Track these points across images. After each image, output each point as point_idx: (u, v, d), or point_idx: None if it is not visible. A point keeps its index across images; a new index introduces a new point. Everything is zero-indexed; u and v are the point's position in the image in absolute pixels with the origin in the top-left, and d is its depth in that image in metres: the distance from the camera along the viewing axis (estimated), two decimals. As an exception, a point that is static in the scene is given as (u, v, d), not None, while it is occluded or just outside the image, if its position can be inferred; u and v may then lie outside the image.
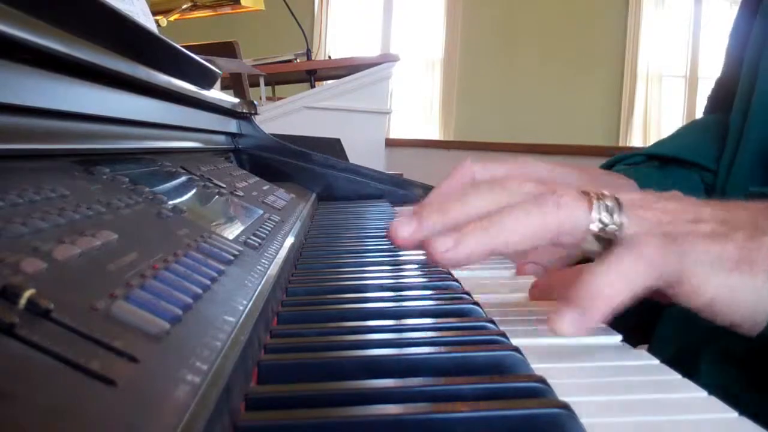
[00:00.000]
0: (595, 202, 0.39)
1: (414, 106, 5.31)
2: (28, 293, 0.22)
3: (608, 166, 0.73)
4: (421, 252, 0.61)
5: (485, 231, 0.38)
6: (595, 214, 0.38)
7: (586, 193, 0.39)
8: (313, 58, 2.63)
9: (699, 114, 0.84)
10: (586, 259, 0.45)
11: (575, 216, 0.38)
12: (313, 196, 1.07)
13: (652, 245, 0.36)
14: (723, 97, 0.74)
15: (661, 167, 0.71)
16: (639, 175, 0.68)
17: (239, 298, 0.35)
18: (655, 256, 0.36)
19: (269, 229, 0.58)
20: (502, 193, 0.40)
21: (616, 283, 0.36)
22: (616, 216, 0.38)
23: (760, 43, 0.65)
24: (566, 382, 0.31)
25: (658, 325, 0.59)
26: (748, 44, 0.67)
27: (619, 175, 0.67)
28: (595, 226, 0.38)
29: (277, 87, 2.78)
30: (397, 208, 1.01)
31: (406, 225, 0.40)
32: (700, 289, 0.37)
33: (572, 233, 0.39)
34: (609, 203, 0.39)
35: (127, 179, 0.47)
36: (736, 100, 0.67)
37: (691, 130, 0.79)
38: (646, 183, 0.66)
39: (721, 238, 0.38)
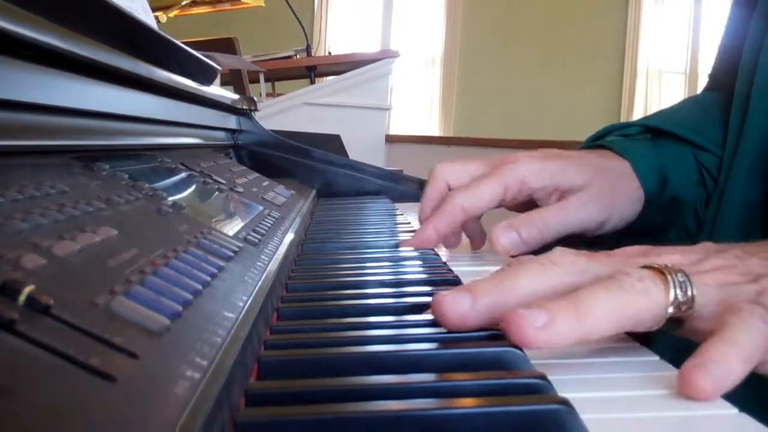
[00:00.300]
0: (669, 278, 0.35)
1: (414, 102, 5.31)
2: (27, 289, 0.22)
3: (600, 136, 0.72)
4: (420, 249, 0.61)
5: (576, 316, 0.33)
6: (672, 295, 0.35)
7: (660, 272, 0.36)
8: (313, 54, 2.63)
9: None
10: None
11: (655, 300, 0.35)
12: (313, 192, 1.07)
13: (756, 314, 0.33)
14: (720, 82, 0.74)
15: (654, 140, 0.70)
16: (630, 148, 0.67)
17: (239, 295, 0.35)
18: (762, 342, 0.33)
19: (269, 225, 0.58)
20: (557, 272, 0.37)
21: (742, 361, 0.32)
22: (689, 289, 0.36)
23: (759, 40, 0.65)
24: (566, 379, 0.31)
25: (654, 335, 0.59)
26: (745, 40, 0.67)
27: (609, 155, 0.66)
28: (672, 307, 0.35)
29: (276, 83, 2.78)
30: (397, 204, 1.01)
31: (459, 303, 0.36)
32: None
33: (652, 319, 0.35)
34: (681, 279, 0.36)
35: (126, 175, 0.47)
36: (735, 95, 0.67)
37: (690, 106, 0.78)
38: (639, 157, 0.65)
39: None
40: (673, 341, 0.47)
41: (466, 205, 0.60)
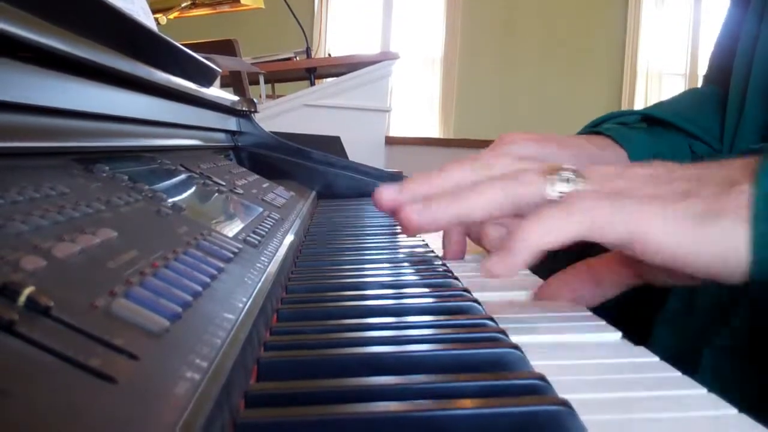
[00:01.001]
0: (555, 174, 0.42)
1: (414, 103, 5.31)
2: (27, 291, 0.22)
3: (601, 121, 0.72)
4: (420, 249, 0.62)
5: (452, 200, 0.42)
6: (552, 186, 0.41)
7: (546, 170, 0.42)
8: (312, 56, 2.63)
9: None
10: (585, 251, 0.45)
11: (533, 188, 0.41)
12: (313, 193, 1.07)
13: (582, 197, 0.38)
14: (714, 80, 0.74)
15: (650, 129, 0.71)
16: (627, 136, 0.67)
17: (239, 296, 0.35)
18: (584, 207, 0.38)
19: (269, 226, 0.58)
20: (479, 168, 0.45)
21: (540, 229, 0.38)
22: (574, 185, 0.41)
23: (753, 37, 0.65)
24: (566, 379, 0.31)
25: (655, 325, 0.59)
26: (740, 37, 0.67)
27: (607, 144, 0.67)
28: (554, 195, 0.41)
29: (276, 85, 2.78)
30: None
31: (389, 190, 0.45)
32: (651, 245, 0.38)
33: (530, 203, 0.41)
34: (567, 175, 0.41)
35: (126, 177, 0.47)
36: (731, 92, 0.67)
37: (688, 97, 0.79)
38: (635, 146, 0.66)
39: (683, 196, 0.39)
40: (671, 342, 0.48)
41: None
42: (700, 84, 0.83)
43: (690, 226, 0.38)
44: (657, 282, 0.45)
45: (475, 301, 0.43)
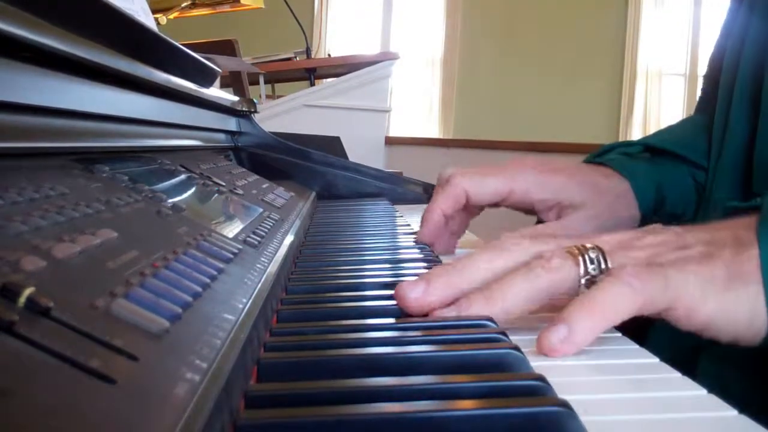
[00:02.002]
0: (580, 258, 0.41)
1: (414, 104, 5.31)
2: (27, 291, 0.22)
3: (605, 152, 0.74)
4: (419, 250, 0.62)
5: (486, 301, 0.41)
6: (582, 269, 0.41)
7: (571, 252, 0.41)
8: (312, 57, 2.63)
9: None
10: None
11: (565, 277, 0.41)
12: (313, 194, 1.07)
13: (634, 273, 0.38)
14: (710, 94, 0.74)
15: (652, 159, 0.72)
16: (631, 168, 0.69)
17: (239, 297, 0.35)
18: (638, 282, 0.37)
19: (269, 227, 0.58)
20: (501, 256, 0.44)
21: (603, 310, 0.37)
22: (603, 265, 0.41)
23: (741, 38, 0.65)
24: (566, 381, 0.31)
25: (650, 330, 0.60)
26: (729, 39, 0.68)
27: (611, 173, 0.68)
28: (585, 281, 0.41)
29: (276, 85, 2.78)
30: (397, 206, 1.01)
31: (415, 290, 0.42)
32: (694, 312, 0.38)
33: (567, 292, 0.41)
34: (593, 255, 0.41)
35: (126, 177, 0.47)
36: (719, 97, 0.68)
37: (686, 125, 0.80)
38: (638, 177, 0.68)
39: (708, 258, 0.40)
40: (669, 343, 0.48)
41: (470, 190, 0.63)
42: (700, 84, 0.83)
43: (722, 291, 0.39)
44: None
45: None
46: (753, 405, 0.29)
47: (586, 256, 0.41)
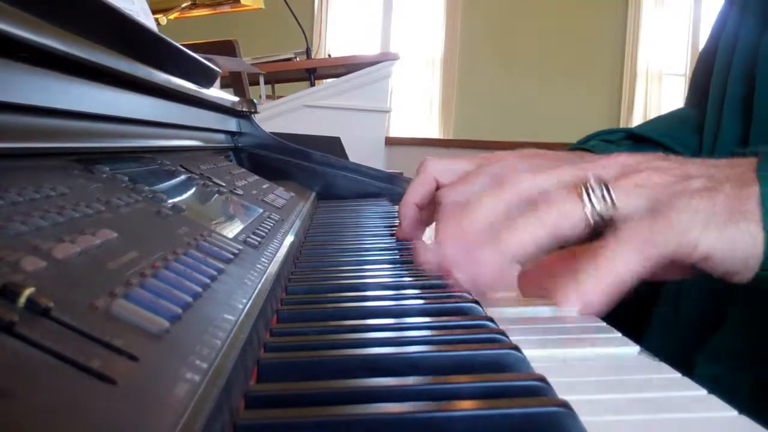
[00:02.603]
0: (584, 194, 0.41)
1: (413, 104, 5.31)
2: (27, 292, 0.22)
3: (587, 139, 0.75)
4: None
5: (494, 244, 0.41)
6: (588, 206, 0.41)
7: (575, 187, 0.41)
8: (312, 57, 2.63)
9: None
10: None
11: (571, 213, 0.41)
12: (313, 194, 1.07)
13: (641, 236, 0.39)
14: (700, 88, 0.75)
15: (634, 145, 0.73)
16: (611, 151, 0.68)
17: (239, 297, 0.35)
18: (646, 246, 0.38)
19: (269, 227, 0.58)
20: (503, 196, 0.44)
21: (611, 279, 0.39)
22: (608, 199, 0.41)
23: (734, 37, 0.65)
24: (566, 381, 0.31)
25: (647, 330, 0.60)
26: (721, 38, 0.68)
27: (593, 157, 0.68)
28: (591, 217, 0.41)
29: (276, 85, 2.78)
30: (397, 207, 1.01)
31: (430, 254, 0.45)
32: (696, 247, 0.39)
33: (573, 230, 0.41)
34: (597, 188, 0.41)
35: (126, 178, 0.47)
36: (711, 96, 0.68)
37: (672, 117, 0.80)
38: None
39: (711, 191, 0.40)
40: (663, 345, 0.48)
41: (439, 175, 0.62)
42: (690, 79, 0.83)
43: (724, 224, 0.39)
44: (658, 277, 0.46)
45: (475, 302, 0.43)
46: (750, 404, 0.30)
47: (590, 190, 0.41)
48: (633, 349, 0.38)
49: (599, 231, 0.42)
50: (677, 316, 0.58)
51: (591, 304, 0.39)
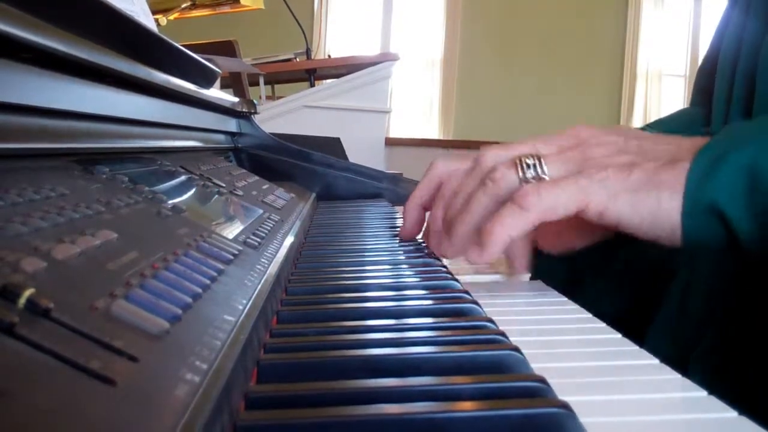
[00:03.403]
0: (519, 165, 0.48)
1: (413, 105, 5.31)
2: (27, 292, 0.22)
3: None
4: (420, 252, 0.62)
5: (459, 221, 0.50)
6: (521, 175, 0.48)
7: (513, 161, 0.49)
8: (312, 57, 2.63)
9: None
10: None
11: (509, 184, 0.48)
12: (313, 195, 1.07)
13: (527, 192, 0.46)
14: (705, 88, 0.75)
15: None
16: None
17: (239, 298, 0.35)
18: (531, 200, 0.45)
19: (269, 228, 0.58)
20: (470, 179, 0.52)
21: (503, 227, 0.46)
22: (539, 168, 0.48)
23: (738, 39, 0.65)
24: (566, 382, 0.31)
25: (648, 332, 0.60)
26: (724, 40, 0.68)
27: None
28: (525, 184, 0.47)
29: (276, 86, 2.78)
30: (397, 207, 1.01)
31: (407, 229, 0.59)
32: (605, 210, 0.45)
33: (511, 194, 0.48)
34: (530, 162, 0.48)
35: (126, 178, 0.47)
36: (716, 98, 0.68)
37: (680, 116, 0.81)
38: None
39: (629, 167, 0.45)
40: (667, 340, 0.49)
41: (445, 174, 0.63)
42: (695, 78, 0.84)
43: (629, 196, 0.45)
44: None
45: (475, 302, 0.43)
46: (746, 403, 0.30)
47: (524, 163, 0.48)
48: (614, 336, 0.40)
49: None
50: (681, 317, 0.58)
51: (488, 254, 0.47)
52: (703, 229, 0.44)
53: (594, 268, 0.67)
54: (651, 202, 0.45)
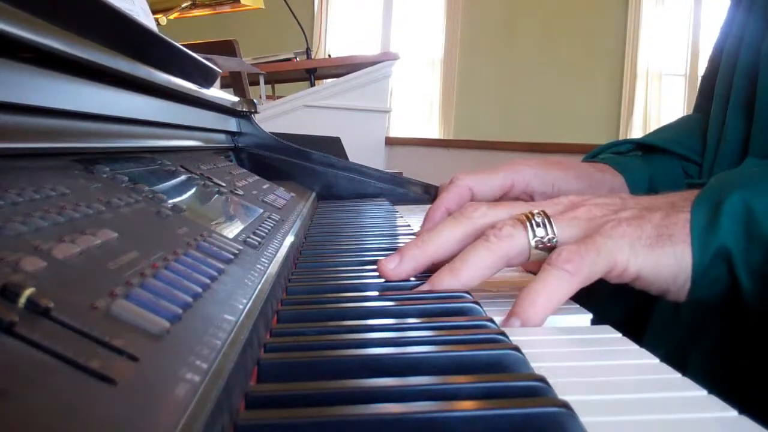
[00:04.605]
0: (528, 224, 0.47)
1: (414, 104, 5.31)
2: (28, 292, 0.22)
3: (597, 153, 0.78)
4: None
5: (452, 276, 0.47)
6: (531, 234, 0.46)
7: (520, 219, 0.47)
8: (312, 57, 2.63)
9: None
10: None
11: (515, 243, 0.46)
12: (313, 194, 1.07)
13: (568, 258, 0.43)
14: (708, 94, 0.75)
15: (644, 156, 0.76)
16: (623, 163, 0.73)
17: (239, 297, 0.35)
18: (572, 266, 0.43)
19: (269, 227, 0.58)
20: (461, 224, 0.50)
21: (548, 294, 0.43)
22: (549, 228, 0.47)
23: (739, 39, 0.65)
24: (566, 381, 0.31)
25: (647, 330, 0.60)
26: (727, 40, 0.68)
27: (606, 168, 0.72)
28: (534, 244, 0.46)
29: (276, 85, 2.78)
30: (397, 207, 1.01)
31: (391, 261, 0.50)
32: (626, 269, 0.44)
33: (520, 256, 0.47)
34: (539, 219, 0.47)
35: (126, 178, 0.47)
36: (716, 98, 0.68)
37: (680, 124, 0.82)
38: (631, 171, 0.72)
39: (638, 219, 0.45)
40: (665, 339, 0.49)
41: (474, 186, 0.65)
42: (699, 85, 0.84)
43: (647, 252, 0.44)
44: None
45: (476, 302, 0.43)
46: (744, 402, 0.30)
47: (533, 222, 0.47)
48: (614, 335, 0.40)
49: None
50: (677, 315, 0.58)
51: (534, 323, 0.42)
52: (710, 278, 0.45)
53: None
54: (668, 256, 0.45)
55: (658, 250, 0.44)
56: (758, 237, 0.43)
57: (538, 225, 0.47)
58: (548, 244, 0.46)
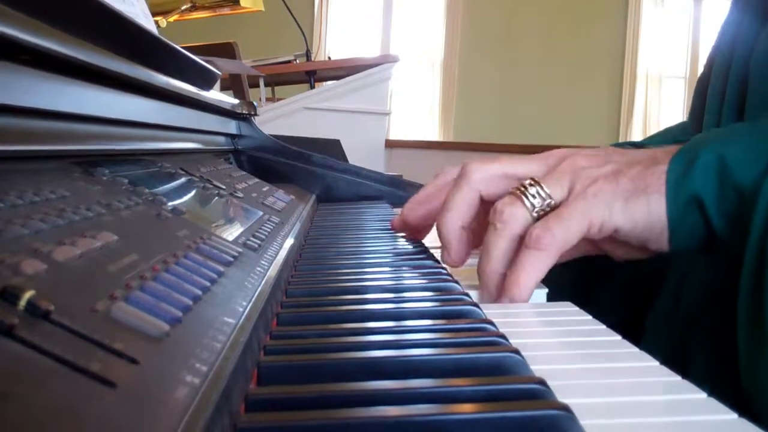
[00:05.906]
0: (524, 198, 0.49)
1: (414, 107, 5.31)
2: (27, 294, 0.22)
3: None
4: (419, 254, 0.62)
5: (486, 273, 0.50)
6: (529, 206, 0.49)
7: (513, 193, 0.50)
8: (312, 59, 2.64)
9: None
10: None
11: (519, 217, 0.49)
12: (313, 197, 1.07)
13: (543, 235, 0.46)
14: (703, 94, 0.75)
15: None
16: None
17: (239, 300, 0.35)
18: (549, 240, 0.46)
19: (269, 230, 0.58)
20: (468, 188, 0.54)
21: (534, 273, 0.47)
22: (543, 193, 0.49)
23: (733, 41, 0.65)
24: (566, 384, 0.31)
25: (646, 329, 0.60)
26: (722, 42, 0.68)
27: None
28: (536, 215, 0.49)
29: (276, 88, 2.78)
30: (397, 209, 1.01)
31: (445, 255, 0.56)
32: (603, 225, 0.47)
33: (525, 225, 0.49)
34: (533, 190, 0.49)
35: (126, 180, 0.47)
36: (708, 99, 0.68)
37: (676, 127, 0.81)
38: None
39: (615, 175, 0.47)
40: (665, 338, 0.49)
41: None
42: (695, 86, 0.84)
43: (622, 204, 0.46)
44: (614, 255, 0.52)
45: (475, 305, 0.43)
46: (744, 404, 0.30)
47: (528, 194, 0.49)
48: (614, 338, 0.40)
49: None
50: (676, 316, 0.58)
51: (522, 298, 0.47)
52: (686, 225, 0.46)
53: (604, 276, 0.67)
54: (642, 208, 0.47)
55: (633, 201, 0.46)
56: (731, 183, 0.45)
57: (533, 196, 0.49)
58: (548, 209, 0.49)
